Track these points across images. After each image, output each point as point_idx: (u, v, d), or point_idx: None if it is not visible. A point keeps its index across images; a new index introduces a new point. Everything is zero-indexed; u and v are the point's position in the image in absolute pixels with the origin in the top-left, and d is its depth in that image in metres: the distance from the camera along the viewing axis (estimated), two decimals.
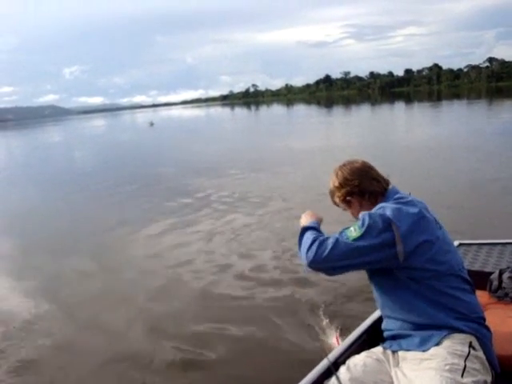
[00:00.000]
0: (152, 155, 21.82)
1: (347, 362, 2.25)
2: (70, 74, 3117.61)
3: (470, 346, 1.98)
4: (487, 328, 2.10)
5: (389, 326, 2.25)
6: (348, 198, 2.31)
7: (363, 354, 2.27)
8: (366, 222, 2.01)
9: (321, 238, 2.04)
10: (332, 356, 2.41)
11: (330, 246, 1.99)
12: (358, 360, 2.23)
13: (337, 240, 2.01)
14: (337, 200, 2.38)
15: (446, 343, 1.99)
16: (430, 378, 1.89)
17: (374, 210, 2.11)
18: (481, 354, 1.99)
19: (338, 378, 2.12)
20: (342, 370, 2.20)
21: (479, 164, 11.76)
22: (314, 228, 2.19)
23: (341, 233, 2.05)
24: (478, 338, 2.02)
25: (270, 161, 16.00)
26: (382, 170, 2.35)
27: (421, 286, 2.05)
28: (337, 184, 2.34)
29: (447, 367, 1.90)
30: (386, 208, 2.08)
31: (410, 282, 2.06)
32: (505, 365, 2.14)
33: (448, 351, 1.96)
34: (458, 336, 2.00)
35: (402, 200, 2.14)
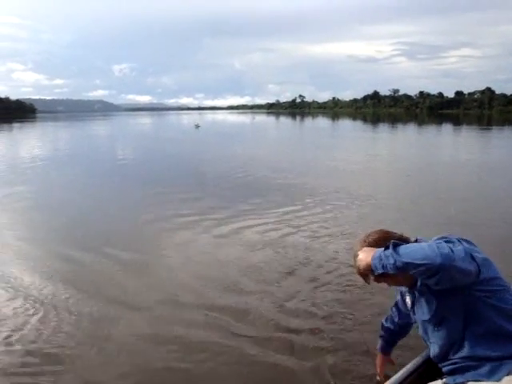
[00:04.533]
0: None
1: None
2: (120, 71, 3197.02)
3: None
4: None
5: (449, 358, 2.18)
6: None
7: None
8: (445, 239, 2.05)
9: (439, 242, 1.98)
10: None
11: (452, 249, 1.93)
12: None
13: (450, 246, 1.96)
14: (371, 278, 2.27)
15: None
16: None
17: (439, 237, 2.12)
18: None
19: None
20: None
21: None
22: (401, 243, 2.08)
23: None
24: None
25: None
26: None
27: (492, 305, 2.02)
28: (360, 271, 2.24)
29: None
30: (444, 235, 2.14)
31: (481, 301, 2.03)
32: None
33: None
34: None
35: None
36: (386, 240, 2.22)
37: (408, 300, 2.44)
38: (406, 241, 2.26)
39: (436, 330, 2.21)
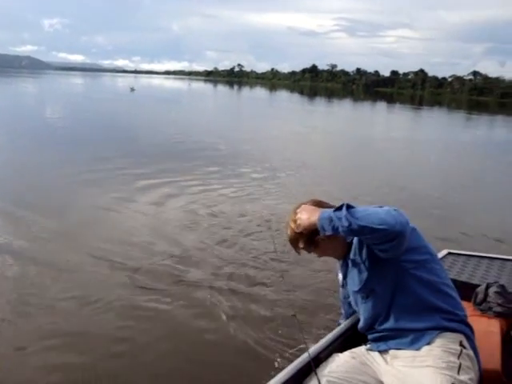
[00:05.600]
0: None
1: (329, 360, 2.19)
2: (50, 26, 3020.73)
3: (461, 344, 2.00)
4: (471, 327, 2.13)
5: (375, 328, 2.20)
6: (316, 238, 2.15)
7: (346, 354, 2.21)
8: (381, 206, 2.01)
9: (391, 208, 1.96)
10: (313, 351, 2.24)
11: (397, 212, 1.93)
12: (340, 359, 2.18)
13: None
14: (302, 245, 2.21)
15: (439, 342, 1.99)
16: (429, 376, 1.89)
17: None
18: (471, 352, 2.01)
19: (317, 376, 2.04)
20: (324, 367, 2.14)
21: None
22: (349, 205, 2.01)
23: None
24: (466, 337, 2.05)
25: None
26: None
27: (419, 277, 2.05)
28: (299, 230, 2.14)
29: (444, 365, 1.90)
30: None
31: (409, 273, 2.04)
32: (486, 378, 2.11)
33: (442, 349, 1.96)
34: (449, 335, 2.02)
35: None
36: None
37: (340, 275, 2.43)
38: None
39: (364, 302, 2.22)
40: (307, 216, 2.05)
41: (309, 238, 2.17)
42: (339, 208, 1.96)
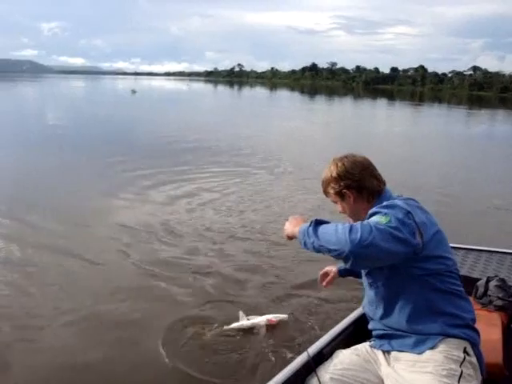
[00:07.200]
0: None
1: (333, 356, 2.20)
2: (49, 31, 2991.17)
3: (465, 351, 1.95)
4: (478, 332, 2.06)
5: (380, 326, 2.17)
6: (344, 190, 2.17)
7: (349, 351, 2.21)
8: (388, 211, 1.90)
9: (357, 223, 1.83)
10: (312, 350, 2.22)
11: (372, 228, 1.77)
12: (344, 356, 2.18)
13: (372, 224, 1.81)
14: (331, 191, 2.22)
15: (442, 347, 1.95)
16: (428, 383, 1.87)
17: (384, 204, 2.00)
18: (474, 359, 1.97)
19: (317, 376, 2.06)
20: (327, 364, 2.15)
21: None
22: (327, 221, 1.97)
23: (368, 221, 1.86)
24: (471, 344, 1.99)
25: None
26: None
27: (427, 283, 1.98)
28: (335, 175, 2.17)
29: (444, 372, 1.88)
30: (396, 201, 2.01)
31: (417, 277, 1.97)
32: (488, 372, 2.09)
33: (444, 356, 1.93)
34: (453, 341, 1.97)
35: (403, 197, 2.10)
36: (360, 168, 2.18)
37: None
38: (378, 182, 2.20)
39: (368, 287, 2.21)
40: (291, 227, 2.11)
41: (339, 187, 2.18)
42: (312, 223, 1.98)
